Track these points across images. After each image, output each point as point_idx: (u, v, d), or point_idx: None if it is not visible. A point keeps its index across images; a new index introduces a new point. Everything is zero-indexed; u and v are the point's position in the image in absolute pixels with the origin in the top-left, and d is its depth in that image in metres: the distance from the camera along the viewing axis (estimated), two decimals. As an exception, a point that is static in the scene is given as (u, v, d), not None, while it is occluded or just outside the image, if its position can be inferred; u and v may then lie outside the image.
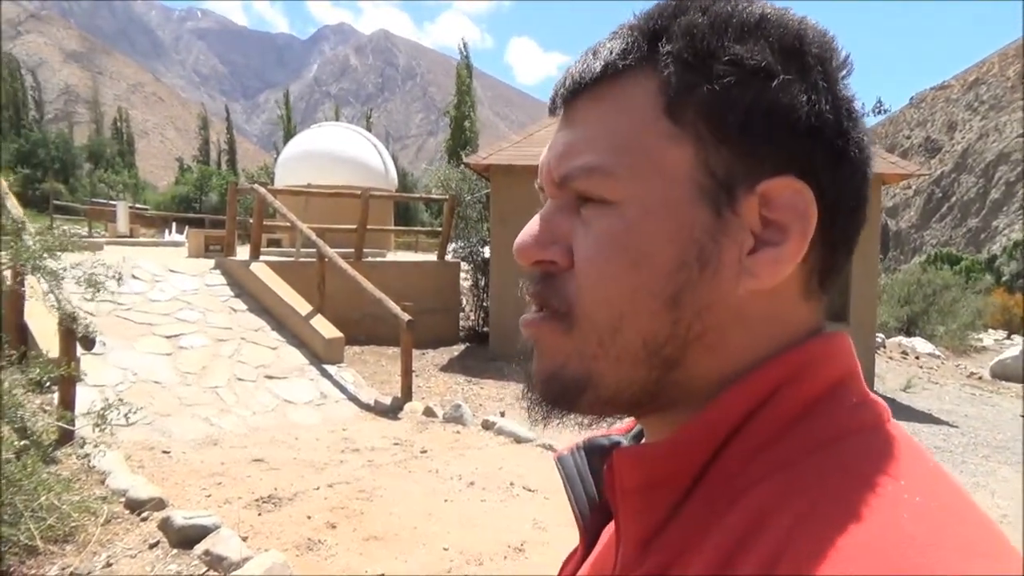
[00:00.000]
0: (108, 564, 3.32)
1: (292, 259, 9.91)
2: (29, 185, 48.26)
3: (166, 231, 24.57)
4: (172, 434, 5.50)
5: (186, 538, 3.46)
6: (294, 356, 7.51)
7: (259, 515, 4.03)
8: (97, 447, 4.23)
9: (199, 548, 3.37)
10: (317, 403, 6.72)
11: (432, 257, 12.44)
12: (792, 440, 0.43)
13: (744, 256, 0.45)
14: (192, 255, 11.94)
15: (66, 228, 4.94)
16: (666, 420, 0.49)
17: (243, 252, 9.96)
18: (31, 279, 5.04)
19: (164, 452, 5.08)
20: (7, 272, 4.87)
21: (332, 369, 7.42)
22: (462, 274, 11.74)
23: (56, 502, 3.41)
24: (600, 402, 0.49)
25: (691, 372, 0.47)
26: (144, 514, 3.79)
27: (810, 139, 0.45)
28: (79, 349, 4.90)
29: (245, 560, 3.24)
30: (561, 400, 0.50)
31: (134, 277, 7.99)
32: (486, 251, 11.48)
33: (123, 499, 3.93)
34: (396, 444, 5.63)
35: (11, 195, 6.21)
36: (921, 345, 15.73)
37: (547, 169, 0.50)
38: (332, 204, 11.82)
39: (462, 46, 41.94)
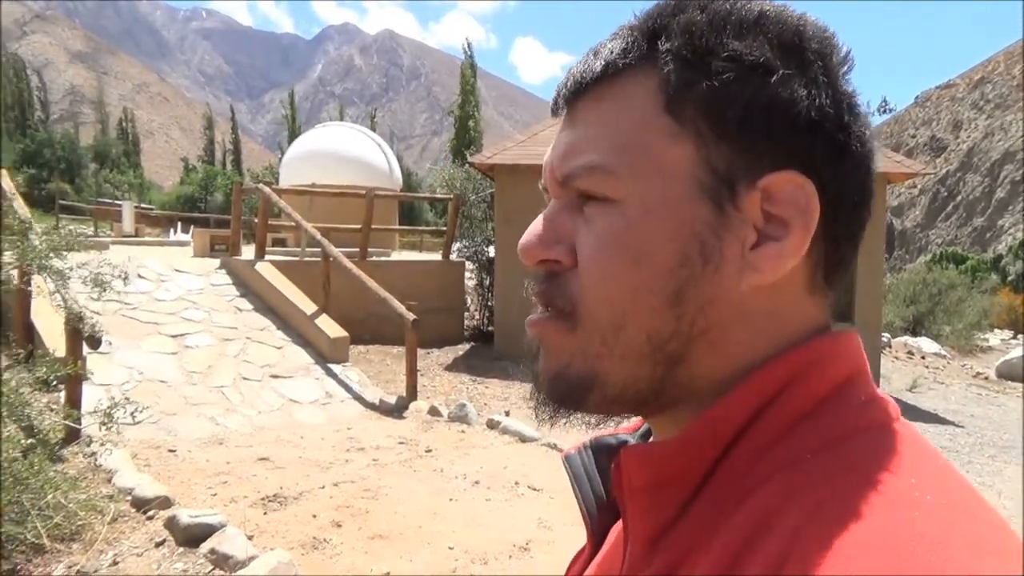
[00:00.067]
0: (114, 562, 3.33)
1: (297, 259, 9.92)
2: (35, 185, 48.47)
3: (171, 231, 24.63)
4: (178, 433, 5.51)
5: (192, 537, 3.47)
6: (299, 355, 7.52)
7: (264, 514, 4.04)
8: (103, 446, 4.25)
9: (205, 547, 3.39)
10: (322, 402, 6.73)
11: (437, 256, 12.45)
12: (800, 439, 0.43)
13: (747, 251, 0.45)
14: (197, 255, 11.96)
15: (72, 228, 4.94)
16: (673, 419, 0.49)
17: (248, 252, 9.97)
18: (37, 279, 5.06)
19: (170, 451, 5.09)
20: (14, 272, 4.89)
21: (337, 368, 7.43)
22: (467, 273, 11.74)
23: (63, 500, 3.42)
24: (607, 401, 0.49)
25: (696, 368, 0.47)
26: (150, 513, 3.80)
27: (810, 134, 0.45)
28: (85, 348, 4.92)
29: (251, 559, 3.25)
30: (567, 399, 0.50)
31: (140, 277, 8.02)
32: (491, 250, 11.48)
33: (129, 498, 3.94)
34: (401, 443, 5.64)
35: (18, 195, 6.24)
36: (927, 345, 15.68)
37: (550, 169, 0.51)
38: (337, 204, 11.84)
39: (466, 46, 41.94)
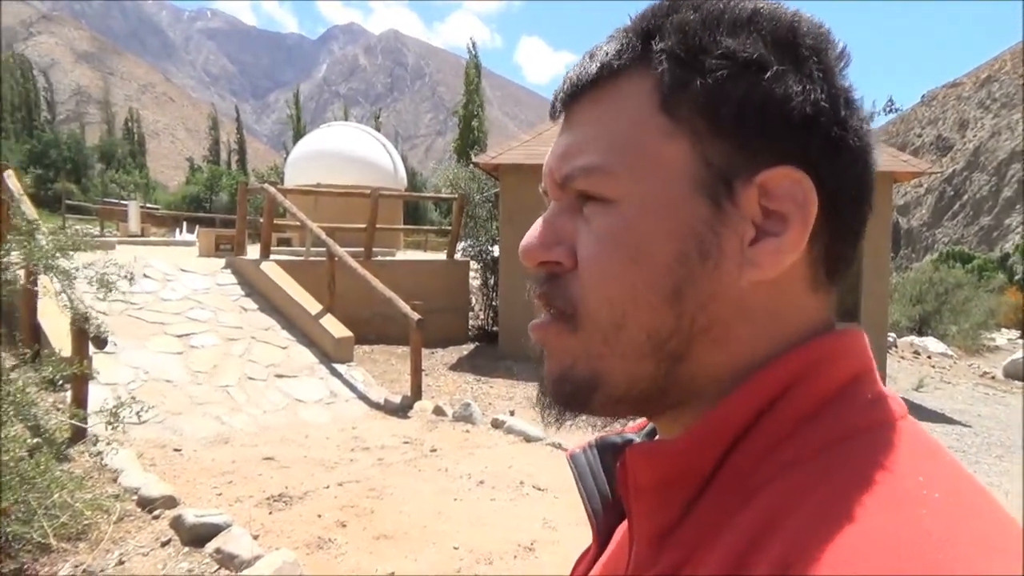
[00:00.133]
0: (120, 562, 3.34)
1: (302, 258, 9.94)
2: (42, 185, 48.66)
3: (177, 231, 24.69)
4: (183, 432, 5.53)
5: (197, 536, 3.48)
6: (304, 355, 7.53)
7: (270, 513, 4.05)
8: (109, 445, 4.26)
9: (210, 546, 3.40)
10: (327, 402, 6.74)
11: (441, 256, 12.46)
12: (805, 437, 0.43)
13: (746, 247, 0.45)
14: (203, 254, 11.99)
15: (78, 228, 4.96)
16: (678, 419, 0.49)
17: (253, 251, 9.99)
18: (44, 279, 5.08)
19: (175, 450, 5.11)
20: (20, 272, 4.91)
21: (342, 368, 7.44)
22: (471, 273, 11.75)
23: (69, 500, 3.43)
24: (611, 401, 0.49)
25: (698, 366, 0.47)
26: (156, 512, 3.82)
27: (806, 129, 0.45)
28: (91, 348, 4.94)
29: (256, 558, 3.25)
30: (572, 401, 0.50)
31: (146, 276, 8.04)
32: (495, 250, 11.49)
33: (135, 497, 3.96)
34: (406, 443, 5.64)
35: (25, 196, 6.26)
36: (933, 344, 15.63)
37: (549, 172, 0.51)
38: (342, 203, 11.85)
39: (471, 45, 41.89)
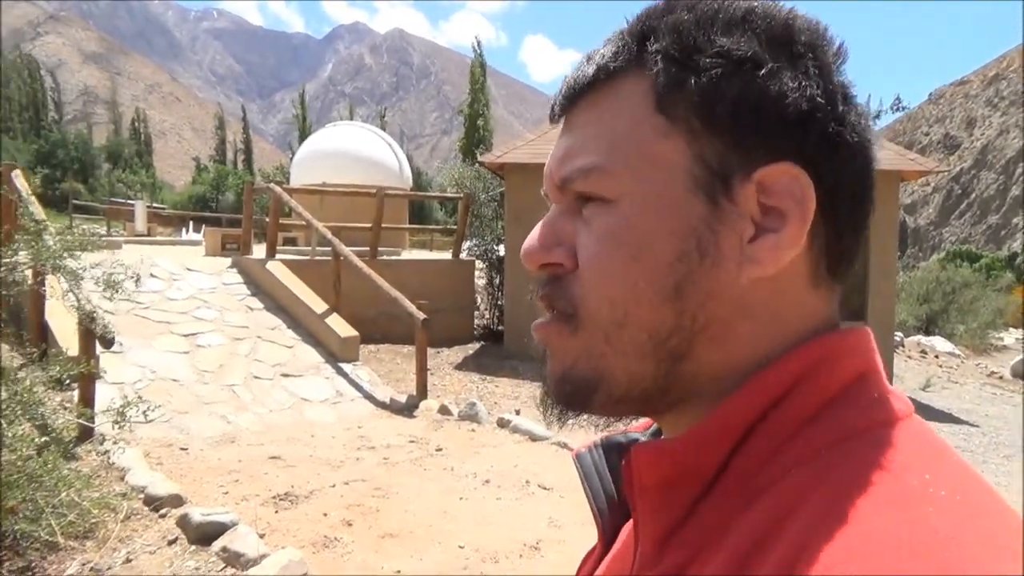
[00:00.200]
0: (128, 560, 3.35)
1: (308, 258, 9.95)
2: (49, 185, 48.95)
3: (183, 230, 24.79)
4: (190, 431, 5.54)
5: (204, 535, 3.49)
6: (310, 354, 7.55)
7: (276, 512, 4.06)
8: (116, 444, 4.28)
9: (217, 545, 3.41)
10: (333, 401, 6.76)
11: (447, 255, 12.46)
12: (811, 436, 0.43)
13: (745, 244, 0.46)
14: (209, 254, 12.02)
15: (85, 227, 4.98)
16: (680, 418, 0.49)
17: (259, 251, 10.01)
18: (51, 279, 5.10)
19: (182, 449, 5.12)
20: (28, 272, 4.93)
21: (348, 367, 7.45)
22: (477, 272, 11.75)
23: (76, 498, 3.45)
24: (612, 400, 0.49)
25: (700, 365, 0.47)
26: (163, 511, 3.83)
27: (802, 125, 0.45)
28: (98, 347, 4.96)
29: (262, 557, 3.26)
30: (574, 400, 0.50)
31: (152, 276, 8.07)
32: (501, 249, 11.49)
33: (142, 496, 3.97)
34: (411, 442, 5.65)
35: (33, 197, 6.28)
36: (940, 344, 15.56)
37: (549, 174, 0.52)
38: (347, 203, 11.87)
39: (476, 44, 41.92)
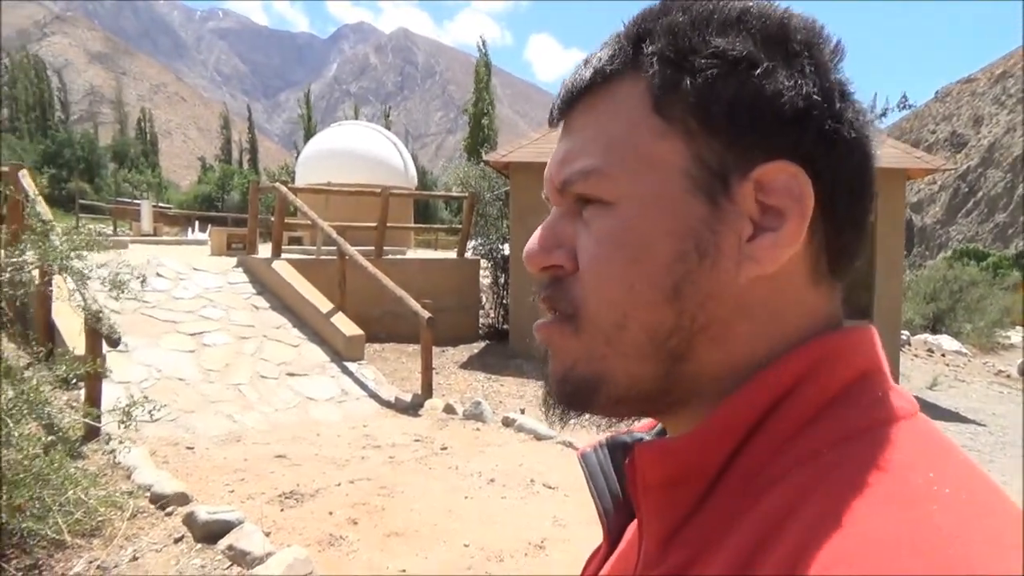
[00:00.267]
0: (134, 558, 3.37)
1: (313, 257, 9.98)
2: (56, 185, 49.14)
3: (189, 230, 24.82)
4: (196, 430, 5.56)
5: (210, 533, 3.50)
6: (315, 353, 7.56)
7: (281, 511, 4.07)
8: (122, 443, 4.29)
9: (223, 543, 3.42)
10: (338, 400, 6.77)
11: (452, 255, 12.47)
12: (815, 435, 0.43)
13: (744, 243, 0.46)
14: (215, 253, 12.04)
15: (92, 227, 4.99)
16: (683, 418, 0.50)
17: (265, 250, 10.03)
18: (58, 278, 5.12)
19: (188, 448, 5.14)
20: (35, 272, 4.95)
21: (353, 366, 7.46)
22: (482, 271, 11.76)
23: (83, 497, 3.46)
24: (613, 400, 0.49)
25: (701, 365, 0.47)
26: (169, 509, 3.84)
27: (799, 123, 0.45)
28: (105, 346, 4.97)
29: (268, 555, 3.27)
30: (575, 400, 0.51)
31: (158, 275, 8.09)
32: (506, 248, 11.49)
33: (148, 494, 3.98)
34: (416, 441, 5.66)
35: (40, 197, 6.30)
36: (947, 343, 15.51)
37: (549, 177, 0.52)
38: (352, 202, 11.89)
39: (481, 43, 41.89)
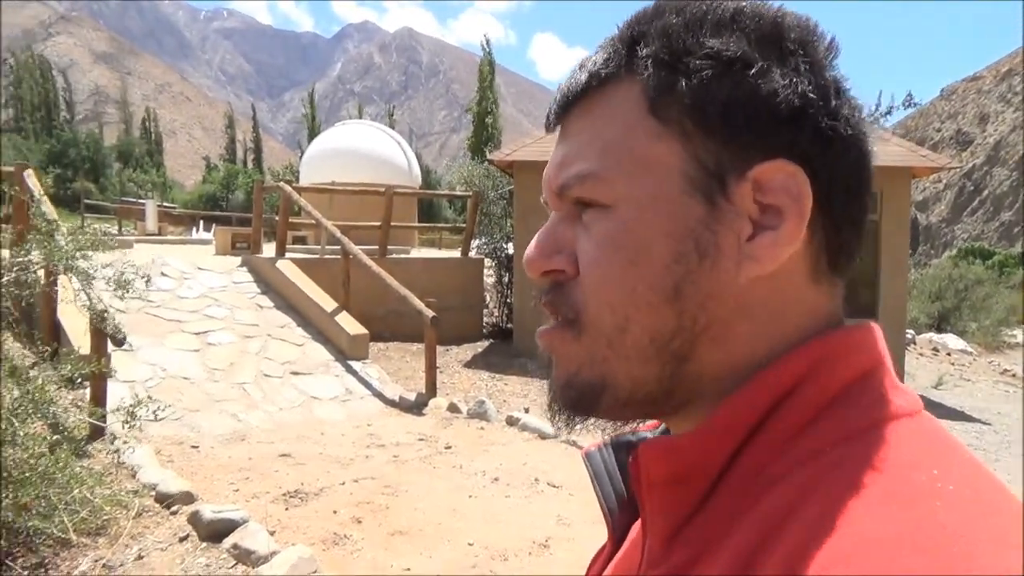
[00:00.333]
0: (139, 556, 3.37)
1: (317, 256, 9.98)
2: (61, 184, 49.34)
3: (194, 229, 24.90)
4: (201, 429, 5.57)
5: (215, 532, 3.51)
6: (319, 352, 7.57)
7: (286, 510, 4.08)
8: (126, 443, 4.30)
9: (228, 542, 3.42)
10: (342, 399, 6.78)
11: (456, 254, 12.47)
12: (818, 433, 0.43)
13: (743, 243, 0.46)
14: (219, 253, 12.08)
15: (97, 227, 5.01)
16: (687, 419, 0.49)
17: (269, 249, 10.06)
18: (63, 278, 5.13)
19: (193, 447, 5.15)
20: (40, 271, 4.96)
21: (357, 365, 7.47)
22: (486, 270, 11.76)
23: (88, 495, 3.47)
24: (618, 404, 0.49)
25: (703, 366, 0.47)
26: (174, 508, 3.85)
27: (795, 122, 0.45)
28: (110, 345, 4.99)
29: (273, 554, 3.28)
30: (579, 405, 0.51)
31: (163, 275, 8.12)
32: (510, 247, 11.49)
33: (153, 493, 3.99)
34: (421, 440, 5.66)
35: (45, 197, 6.32)
36: (952, 341, 15.45)
37: (547, 182, 0.52)
38: (356, 201, 11.90)
39: (485, 43, 41.87)
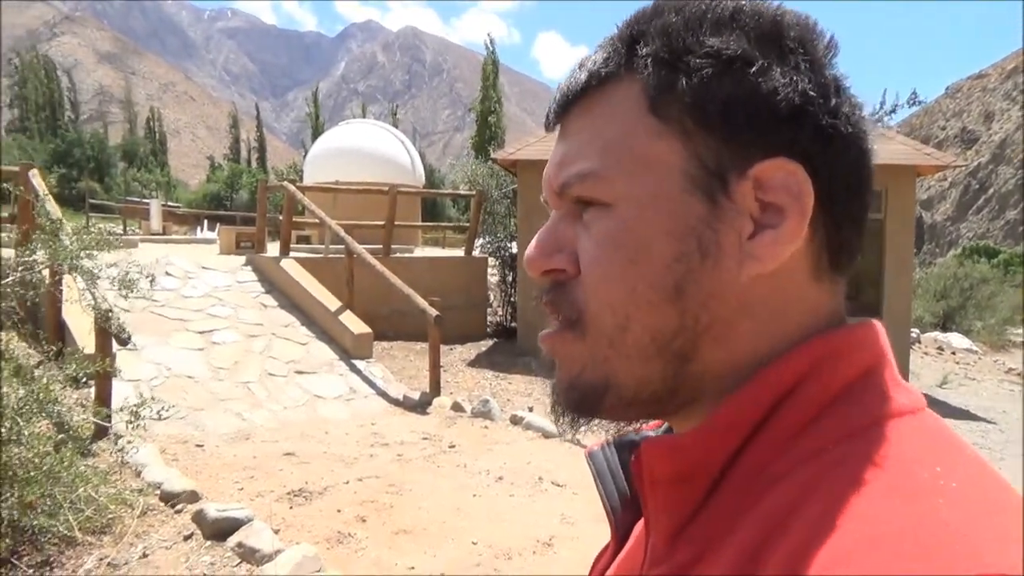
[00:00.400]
0: (144, 555, 3.38)
1: (321, 255, 9.99)
2: (66, 184, 49.45)
3: (198, 228, 24.91)
4: (205, 428, 5.59)
5: (219, 530, 3.52)
6: (324, 351, 7.58)
7: (290, 508, 4.09)
8: (131, 443, 4.31)
9: (232, 540, 3.43)
10: (347, 398, 6.78)
11: (460, 253, 12.47)
12: (820, 431, 0.43)
13: (744, 241, 0.46)
14: (223, 252, 12.08)
15: (102, 226, 5.02)
16: (690, 419, 0.49)
17: (273, 249, 10.06)
18: (68, 278, 5.14)
19: (197, 446, 5.16)
20: (45, 271, 4.98)
21: (361, 364, 7.48)
22: (489, 269, 11.76)
23: (93, 494, 3.48)
24: (622, 404, 0.49)
25: (705, 365, 0.47)
26: (178, 506, 3.86)
27: (795, 120, 0.45)
28: (115, 345, 5.00)
29: (277, 552, 3.28)
30: (582, 407, 0.51)
31: (167, 274, 8.13)
32: (513, 246, 11.50)
33: (158, 492, 4.01)
34: (425, 439, 5.67)
35: (49, 196, 6.34)
36: (957, 340, 15.40)
37: (547, 181, 0.52)
38: (360, 200, 11.90)
39: (488, 41, 41.86)
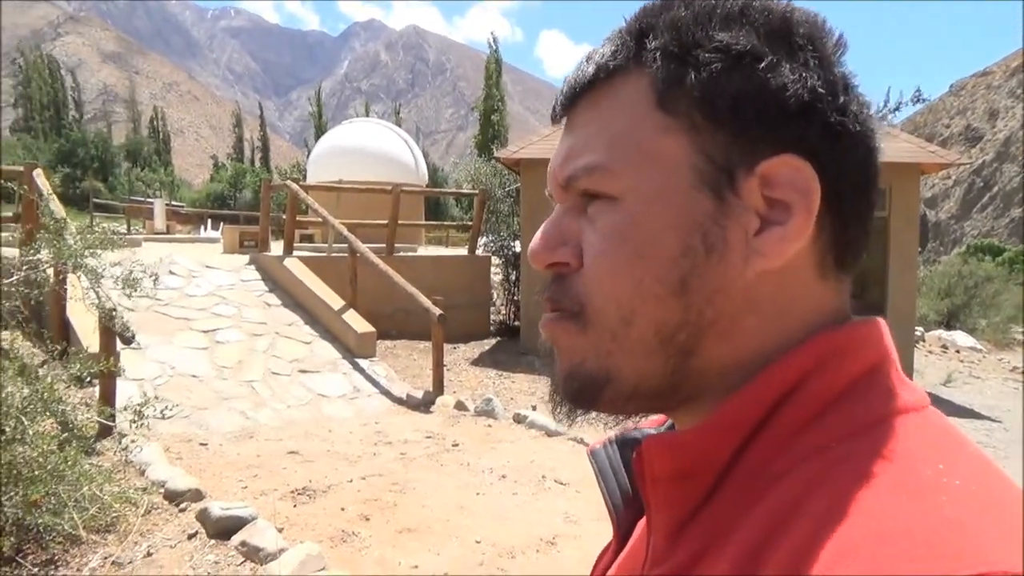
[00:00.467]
0: (148, 554, 3.39)
1: (325, 254, 10.01)
2: (70, 184, 49.59)
3: (201, 228, 24.96)
4: (209, 427, 5.60)
5: (223, 529, 3.52)
6: (327, 350, 7.59)
7: (294, 507, 4.09)
8: (134, 442, 4.32)
9: (236, 539, 3.44)
10: (350, 397, 6.79)
11: (463, 252, 12.48)
12: (822, 430, 0.43)
13: (750, 237, 0.46)
14: (227, 251, 12.10)
15: (106, 226, 5.03)
16: (692, 414, 0.49)
17: (277, 248, 10.07)
18: (72, 277, 5.16)
19: (201, 444, 5.17)
20: (50, 270, 4.99)
21: (364, 363, 7.48)
22: (493, 268, 11.76)
23: (98, 493, 3.49)
24: (622, 397, 0.49)
25: (708, 360, 0.47)
26: (182, 505, 3.87)
27: (803, 117, 0.45)
28: (119, 344, 5.01)
29: (281, 551, 3.29)
30: (581, 397, 0.50)
31: (171, 273, 8.15)
32: (517, 245, 11.50)
33: (162, 490, 4.02)
34: (428, 437, 5.67)
35: (54, 195, 6.36)
36: (962, 339, 15.36)
37: (552, 174, 0.52)
38: (363, 199, 11.92)
39: (492, 40, 41.85)
